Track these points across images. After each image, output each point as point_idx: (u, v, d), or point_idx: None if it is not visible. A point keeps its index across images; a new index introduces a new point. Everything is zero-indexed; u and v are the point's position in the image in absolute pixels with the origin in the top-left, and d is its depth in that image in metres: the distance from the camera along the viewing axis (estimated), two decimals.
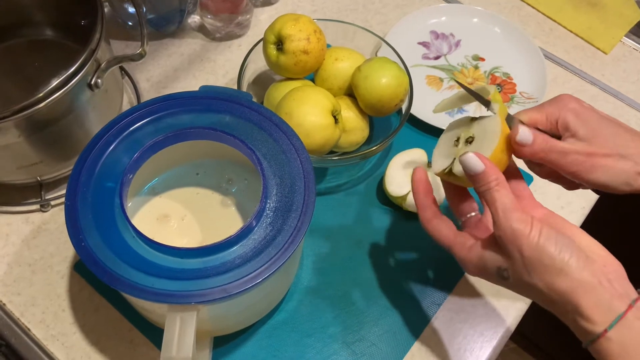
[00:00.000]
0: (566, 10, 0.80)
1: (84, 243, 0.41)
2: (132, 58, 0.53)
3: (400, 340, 0.53)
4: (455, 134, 0.46)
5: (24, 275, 0.55)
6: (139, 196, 0.50)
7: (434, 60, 0.73)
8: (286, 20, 0.57)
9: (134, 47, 0.71)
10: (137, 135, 0.46)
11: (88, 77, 0.51)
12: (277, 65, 0.58)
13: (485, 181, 0.39)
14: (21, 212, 0.58)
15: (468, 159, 0.39)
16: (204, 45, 0.72)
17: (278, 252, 0.41)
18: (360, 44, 0.64)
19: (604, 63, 0.75)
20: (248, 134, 0.47)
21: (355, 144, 0.60)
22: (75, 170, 0.44)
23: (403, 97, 0.58)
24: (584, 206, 0.62)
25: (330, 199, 0.61)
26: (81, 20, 0.59)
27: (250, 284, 0.40)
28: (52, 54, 0.62)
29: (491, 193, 0.38)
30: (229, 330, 0.50)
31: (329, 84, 0.60)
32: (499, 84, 0.71)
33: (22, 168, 0.54)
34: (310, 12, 0.76)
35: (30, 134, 0.50)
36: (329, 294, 0.55)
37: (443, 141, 0.47)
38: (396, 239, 0.59)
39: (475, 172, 0.39)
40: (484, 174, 0.39)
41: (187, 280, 0.40)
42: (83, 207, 0.42)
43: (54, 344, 0.51)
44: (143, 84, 0.68)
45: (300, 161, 0.46)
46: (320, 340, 0.52)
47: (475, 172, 0.39)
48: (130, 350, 0.51)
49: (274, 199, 0.44)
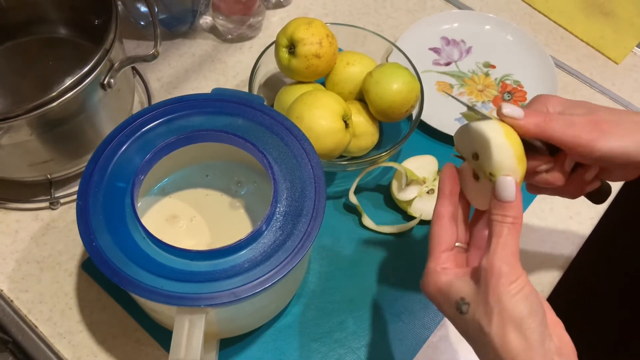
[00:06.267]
0: (578, 19, 0.79)
1: (95, 243, 0.41)
2: (145, 58, 0.53)
3: (406, 347, 0.53)
4: (469, 148, 0.41)
5: (32, 272, 0.55)
6: (148, 196, 0.50)
7: (445, 67, 0.73)
8: (299, 24, 0.57)
9: (146, 47, 0.71)
10: (150, 136, 0.46)
11: (101, 77, 0.51)
12: (288, 68, 0.59)
13: (505, 213, 0.36)
14: (31, 209, 0.58)
15: (507, 182, 0.36)
16: (215, 47, 0.72)
17: (287, 256, 0.42)
18: (371, 48, 0.64)
19: (615, 73, 0.75)
20: (259, 137, 0.47)
21: (365, 148, 0.60)
22: (87, 169, 0.44)
23: (414, 103, 0.58)
24: (592, 217, 0.62)
25: (338, 203, 0.61)
26: (95, 19, 0.59)
27: (260, 288, 0.40)
28: (66, 52, 0.62)
29: (503, 227, 0.36)
30: (235, 332, 0.50)
31: (339, 88, 0.60)
32: (509, 92, 0.71)
33: (33, 165, 0.54)
34: (322, 16, 0.76)
35: (42, 133, 0.51)
36: (336, 298, 0.55)
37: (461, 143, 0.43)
38: (404, 244, 0.59)
39: (505, 199, 0.36)
40: (510, 206, 0.36)
41: (196, 283, 0.40)
42: (94, 207, 0.42)
43: (60, 342, 0.51)
44: (154, 84, 0.68)
45: (311, 166, 0.46)
46: (325, 345, 0.52)
47: (506, 199, 0.36)
48: (136, 350, 0.51)
49: (284, 203, 0.44)
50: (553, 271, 0.58)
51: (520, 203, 0.37)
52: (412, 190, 0.58)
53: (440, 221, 0.40)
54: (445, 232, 0.40)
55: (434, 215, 0.41)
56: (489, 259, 0.35)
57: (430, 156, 0.61)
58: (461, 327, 0.37)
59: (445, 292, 0.38)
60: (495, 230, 0.36)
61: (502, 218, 0.36)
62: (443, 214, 0.40)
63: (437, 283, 0.38)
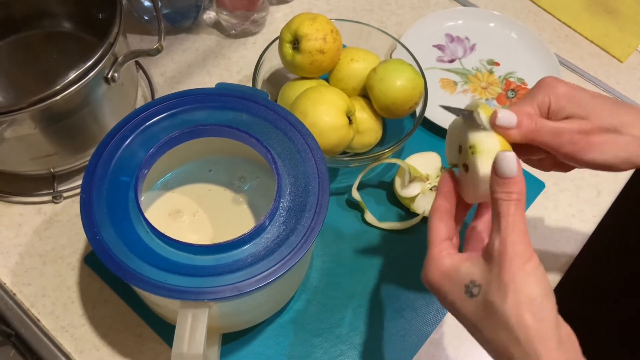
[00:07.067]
0: (583, 17, 0.79)
1: (99, 237, 0.41)
2: (149, 53, 0.53)
3: (408, 343, 0.53)
4: (455, 142, 0.44)
5: (35, 266, 0.55)
6: (151, 191, 0.50)
7: (449, 64, 0.73)
8: (303, 20, 0.57)
9: (149, 41, 0.71)
10: (153, 130, 0.46)
11: (105, 71, 0.51)
12: (292, 64, 0.58)
13: (509, 189, 0.35)
14: (34, 202, 0.58)
15: (507, 157, 0.35)
16: (219, 42, 0.72)
17: (290, 252, 0.42)
18: (375, 44, 0.64)
19: (619, 71, 0.75)
20: (263, 132, 0.47)
21: (368, 145, 0.60)
22: (91, 163, 0.44)
23: (418, 100, 0.58)
24: (595, 214, 0.62)
25: (341, 199, 0.61)
26: (99, 13, 0.59)
27: (262, 283, 0.40)
28: (70, 46, 0.62)
29: (510, 205, 0.35)
30: (238, 327, 0.50)
31: (343, 84, 0.60)
32: (513, 89, 0.71)
33: (36, 159, 0.54)
34: (326, 12, 0.76)
35: (45, 126, 0.51)
36: (338, 294, 0.55)
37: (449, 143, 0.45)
38: (406, 240, 0.59)
39: (507, 174, 0.35)
40: (514, 181, 0.35)
41: (199, 277, 0.40)
42: (98, 200, 0.42)
43: (63, 336, 0.52)
44: (157, 79, 0.68)
45: (314, 161, 0.46)
46: (327, 341, 0.52)
47: (508, 174, 0.35)
48: (138, 344, 0.51)
49: (287, 198, 0.44)
50: (555, 269, 0.58)
51: (522, 179, 0.36)
52: (415, 187, 0.58)
53: (439, 214, 0.40)
54: (443, 224, 0.40)
55: (432, 209, 0.41)
56: (502, 239, 0.34)
57: (433, 153, 0.61)
58: (469, 312, 0.36)
59: (452, 276, 0.36)
60: (502, 210, 0.35)
61: (507, 195, 0.35)
62: (441, 208, 0.41)
63: (441, 268, 0.37)
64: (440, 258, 0.38)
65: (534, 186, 0.63)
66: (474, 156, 0.39)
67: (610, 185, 0.64)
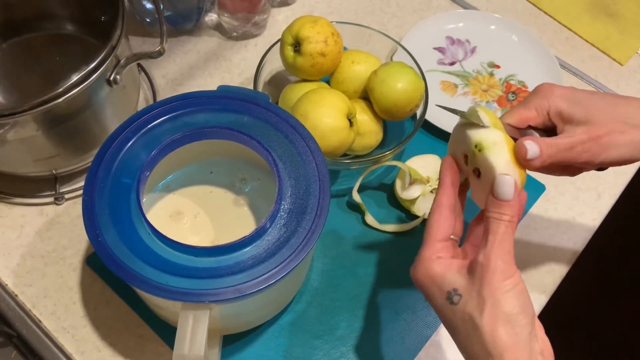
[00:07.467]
0: (583, 20, 0.79)
1: (101, 238, 0.41)
2: (151, 55, 0.53)
3: (408, 345, 0.53)
4: (459, 153, 0.43)
5: (37, 267, 0.55)
6: (153, 192, 0.51)
7: (449, 66, 0.73)
8: (304, 22, 0.57)
9: (151, 44, 0.72)
10: (155, 132, 0.46)
11: (107, 73, 0.51)
12: (293, 66, 0.59)
13: (502, 211, 0.37)
14: (36, 204, 0.59)
15: (505, 182, 0.37)
16: (221, 44, 0.73)
17: (291, 254, 0.42)
18: (376, 47, 0.64)
19: (619, 74, 0.75)
20: (264, 135, 0.47)
21: (369, 147, 0.60)
22: (93, 165, 0.44)
23: (418, 102, 0.58)
24: (595, 217, 0.62)
25: (341, 201, 0.61)
26: (101, 15, 0.59)
27: (263, 285, 0.40)
28: (72, 48, 0.62)
29: (500, 225, 0.37)
30: (239, 329, 0.51)
31: (344, 86, 0.60)
32: (514, 92, 0.71)
33: (38, 161, 0.54)
34: (327, 14, 0.76)
35: (48, 128, 0.51)
36: (338, 296, 0.55)
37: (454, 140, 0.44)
38: (406, 243, 0.59)
39: (502, 197, 0.37)
40: (508, 205, 0.37)
41: (200, 279, 0.40)
42: (100, 202, 0.43)
43: (64, 337, 0.52)
44: (159, 81, 0.69)
45: (315, 163, 0.46)
46: (328, 342, 0.53)
47: (503, 198, 0.37)
48: (139, 345, 0.52)
49: (288, 200, 0.44)
50: (556, 270, 0.58)
51: (516, 203, 0.37)
52: (415, 189, 0.58)
53: (440, 210, 0.40)
54: (444, 222, 0.40)
55: (434, 204, 0.41)
56: (486, 254, 0.36)
57: (434, 155, 0.61)
58: (448, 316, 0.37)
59: (437, 282, 0.38)
60: (492, 227, 0.37)
61: (499, 216, 0.37)
62: (444, 204, 0.41)
63: (429, 271, 0.38)
64: (430, 261, 0.39)
65: (534, 189, 0.63)
66: (482, 153, 0.39)
67: (610, 187, 0.65)
